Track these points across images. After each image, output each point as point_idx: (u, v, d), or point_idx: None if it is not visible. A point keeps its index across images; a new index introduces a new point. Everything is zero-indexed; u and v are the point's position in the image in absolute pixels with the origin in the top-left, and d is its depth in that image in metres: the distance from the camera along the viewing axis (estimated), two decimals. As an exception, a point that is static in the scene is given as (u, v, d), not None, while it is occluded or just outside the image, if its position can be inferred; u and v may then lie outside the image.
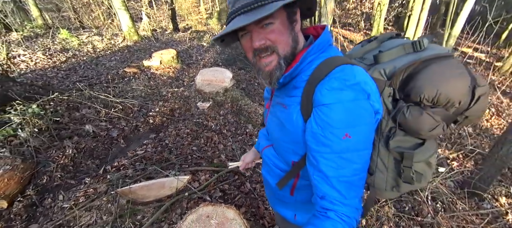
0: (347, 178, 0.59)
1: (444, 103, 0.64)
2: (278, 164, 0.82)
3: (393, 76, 0.67)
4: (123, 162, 2.41)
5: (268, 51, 0.64)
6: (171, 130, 3.02)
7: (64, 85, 3.89)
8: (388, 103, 0.70)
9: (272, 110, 0.79)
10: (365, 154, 0.61)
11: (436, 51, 0.67)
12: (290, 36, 0.64)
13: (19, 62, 4.49)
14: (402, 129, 0.69)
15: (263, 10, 0.56)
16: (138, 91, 3.94)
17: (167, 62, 5.24)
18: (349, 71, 0.59)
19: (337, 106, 0.57)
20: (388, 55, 0.71)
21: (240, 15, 0.59)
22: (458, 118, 0.68)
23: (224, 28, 0.63)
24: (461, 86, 0.62)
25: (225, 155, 2.64)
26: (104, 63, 5.23)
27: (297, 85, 0.66)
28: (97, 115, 3.06)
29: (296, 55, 0.67)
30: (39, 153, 2.25)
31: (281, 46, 0.64)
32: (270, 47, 0.63)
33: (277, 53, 0.64)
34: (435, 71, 0.63)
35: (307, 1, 0.66)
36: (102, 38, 7.13)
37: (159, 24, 11.46)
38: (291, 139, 0.71)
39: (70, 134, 2.62)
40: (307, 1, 0.66)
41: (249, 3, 0.58)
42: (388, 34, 0.82)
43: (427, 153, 0.70)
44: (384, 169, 0.74)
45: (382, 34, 0.86)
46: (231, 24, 0.60)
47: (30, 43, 5.66)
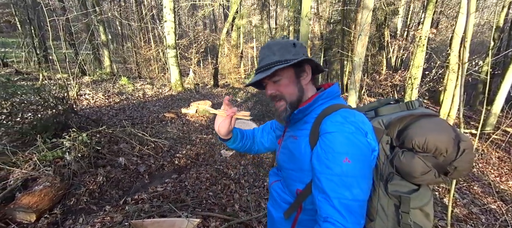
0: (347, 201, 0.66)
1: (432, 150, 0.72)
2: (284, 196, 0.90)
3: (389, 125, 0.79)
4: (142, 197, 2.53)
5: (277, 98, 0.84)
6: (193, 173, 3.14)
7: (112, 121, 4.46)
8: (387, 149, 0.79)
9: (284, 143, 0.91)
10: (364, 183, 0.68)
11: (425, 111, 0.81)
12: (296, 87, 0.83)
13: (83, 99, 5.37)
14: (398, 174, 0.77)
15: (267, 72, 0.78)
16: (171, 134, 4.30)
17: (202, 112, 5.74)
18: (351, 112, 0.74)
19: (339, 135, 0.69)
20: (387, 110, 0.85)
21: (259, 72, 0.83)
22: (448, 169, 0.73)
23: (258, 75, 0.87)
24: (445, 137, 0.72)
25: (239, 205, 2.60)
26: (149, 107, 5.94)
27: (308, 121, 0.81)
28: (131, 150, 3.37)
29: (302, 102, 0.84)
30: (75, 176, 2.50)
31: (287, 96, 0.83)
32: (278, 95, 0.83)
33: (285, 100, 0.83)
34: (424, 123, 0.75)
35: (310, 63, 0.84)
36: (152, 86, 8.24)
37: (202, 79, 12.93)
38: (298, 166, 0.81)
39: (104, 164, 2.90)
40: (310, 62, 0.84)
41: (262, 66, 0.82)
42: (387, 99, 0.96)
43: (422, 200, 0.74)
44: (384, 216, 0.77)
45: (383, 98, 0.98)
46: (253, 78, 0.85)
47: (96, 85, 6.81)
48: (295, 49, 0.80)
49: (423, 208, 0.74)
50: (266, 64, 0.80)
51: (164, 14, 7.64)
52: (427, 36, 6.27)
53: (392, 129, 0.80)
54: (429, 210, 0.75)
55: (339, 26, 12.80)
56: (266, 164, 3.62)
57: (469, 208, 3.04)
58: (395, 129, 0.79)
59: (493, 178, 4.14)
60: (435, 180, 0.74)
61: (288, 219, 0.87)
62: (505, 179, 4.12)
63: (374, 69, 11.06)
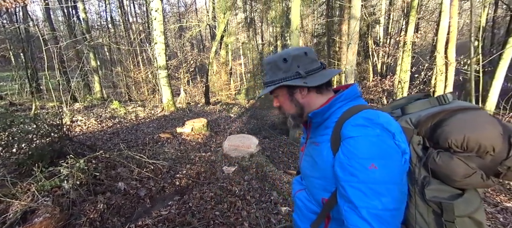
0: (377, 211, 0.60)
1: (475, 149, 0.64)
2: (310, 206, 0.85)
3: (418, 124, 0.73)
4: (147, 222, 2.40)
5: (281, 110, 0.89)
6: (196, 193, 3.04)
7: (107, 146, 4.32)
8: (419, 151, 0.72)
9: (306, 151, 0.89)
10: (394, 189, 0.62)
11: (462, 104, 0.72)
12: (291, 104, 0.84)
13: (76, 126, 5.21)
14: (436, 177, 0.69)
15: (266, 89, 0.84)
16: (169, 154, 4.20)
17: (197, 130, 5.67)
18: (374, 113, 0.69)
19: (362, 139, 0.64)
20: (414, 107, 0.78)
21: (264, 87, 0.87)
22: (500, 169, 0.65)
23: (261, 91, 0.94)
24: (491, 132, 0.63)
25: (249, 223, 2.51)
26: (143, 129, 5.81)
27: (328, 125, 0.77)
28: (130, 174, 3.24)
29: (303, 114, 0.84)
30: (75, 206, 2.37)
31: (285, 109, 0.87)
32: (281, 108, 0.89)
33: (285, 112, 0.88)
34: (461, 118, 0.67)
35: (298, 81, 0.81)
36: (144, 108, 8.13)
37: (194, 98, 12.89)
38: (321, 174, 0.77)
39: (104, 190, 2.77)
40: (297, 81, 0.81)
41: (264, 82, 0.87)
42: (416, 95, 0.89)
43: (469, 206, 0.66)
44: (425, 226, 0.70)
45: (412, 94, 0.95)
46: (261, 91, 0.92)
47: (87, 111, 6.64)
48: (286, 64, 0.78)
49: (472, 216, 0.65)
50: (264, 82, 0.86)
51: (154, 36, 7.70)
52: (412, 41, 6.59)
53: (422, 127, 0.72)
54: (480, 218, 0.66)
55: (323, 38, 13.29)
56: (270, 178, 3.56)
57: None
58: (426, 127, 0.72)
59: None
60: (483, 183, 0.65)
61: None
62: None
63: (362, 77, 11.42)
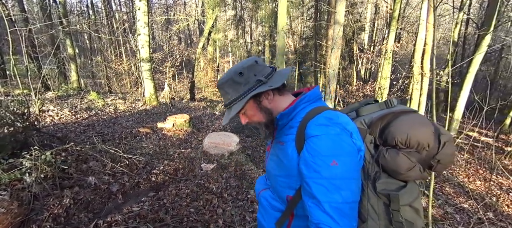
0: (338, 204, 0.65)
1: (415, 146, 0.75)
2: (274, 204, 0.87)
3: (371, 124, 0.81)
4: (116, 218, 2.31)
5: (252, 124, 0.89)
6: (172, 190, 2.97)
7: (80, 138, 4.11)
8: (371, 149, 0.80)
9: (272, 150, 0.90)
10: (352, 183, 0.68)
11: (404, 108, 0.83)
12: (261, 112, 0.84)
13: (47, 116, 4.90)
14: (385, 172, 0.77)
15: (234, 108, 0.81)
16: (147, 149, 4.07)
17: (179, 125, 5.54)
18: (334, 114, 0.74)
19: (324, 137, 0.68)
20: (367, 110, 0.87)
21: (227, 109, 0.85)
22: (432, 162, 0.76)
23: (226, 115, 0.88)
24: (426, 131, 0.74)
25: (223, 221, 2.49)
26: (121, 122, 5.59)
27: (293, 125, 0.80)
28: (103, 168, 3.10)
29: (273, 119, 0.84)
30: (37, 200, 2.22)
31: (256, 120, 0.86)
32: (252, 122, 0.87)
33: (257, 123, 0.87)
34: (404, 120, 0.77)
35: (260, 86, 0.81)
36: (124, 101, 7.82)
37: (178, 93, 12.61)
38: (287, 173, 0.79)
39: (72, 184, 2.63)
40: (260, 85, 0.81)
41: (226, 104, 0.84)
42: (367, 100, 1.00)
43: (411, 196, 0.75)
44: (376, 217, 0.77)
45: (362, 100, 1.03)
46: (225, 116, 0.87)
47: (61, 101, 6.28)
48: (243, 77, 0.79)
49: (412, 204, 0.75)
50: (227, 104, 0.83)
51: (138, 27, 7.43)
52: (392, 50, 6.87)
53: (374, 128, 0.81)
54: (418, 206, 0.76)
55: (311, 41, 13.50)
56: (249, 176, 3.55)
57: (444, 208, 3.24)
58: (377, 128, 0.81)
59: (462, 179, 4.47)
60: (421, 175, 0.75)
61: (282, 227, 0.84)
62: (472, 179, 4.48)
63: (346, 81, 11.73)
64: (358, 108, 0.90)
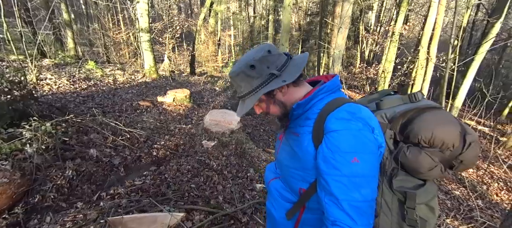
0: (357, 203, 0.63)
1: (439, 145, 0.72)
2: (285, 195, 0.85)
3: (393, 119, 0.77)
4: (119, 191, 2.35)
5: (266, 114, 0.87)
6: (173, 165, 3.00)
7: (80, 109, 4.07)
8: (390, 144, 0.77)
9: (285, 140, 0.87)
10: (373, 181, 0.65)
11: (429, 103, 0.78)
12: (275, 105, 0.81)
13: (44, 85, 4.81)
14: (403, 169, 0.75)
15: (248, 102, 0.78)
16: (148, 123, 4.06)
17: (179, 100, 5.49)
18: (356, 107, 0.69)
19: (345, 133, 0.64)
20: (388, 103, 0.82)
21: (241, 100, 0.82)
22: (454, 162, 0.73)
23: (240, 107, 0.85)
24: (453, 131, 0.71)
25: (223, 197, 2.55)
26: (121, 94, 5.51)
27: (310, 117, 0.75)
28: (104, 141, 3.11)
29: (288, 111, 0.81)
30: (39, 171, 2.24)
31: (270, 112, 0.84)
32: (266, 113, 0.86)
33: (271, 115, 0.85)
34: (430, 117, 0.73)
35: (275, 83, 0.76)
36: (124, 72, 7.66)
37: (178, 67, 12.36)
38: (301, 165, 0.76)
39: (73, 156, 2.64)
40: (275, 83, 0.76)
41: (240, 96, 0.81)
42: (386, 90, 0.94)
43: (428, 195, 0.74)
44: (388, 212, 0.76)
45: (382, 90, 0.97)
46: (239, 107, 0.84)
47: (59, 69, 6.14)
48: (255, 71, 0.74)
49: (428, 203, 0.74)
50: (240, 96, 0.81)
51: (137, -6, 7.04)
52: (400, 32, 6.61)
53: (395, 123, 0.78)
54: (434, 205, 0.75)
55: (317, 18, 12.98)
56: (249, 155, 3.59)
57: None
58: (398, 123, 0.78)
59: (454, 166, 4.58)
60: (442, 175, 0.73)
61: (290, 219, 0.83)
62: (465, 167, 4.59)
63: (349, 62, 11.49)
64: (378, 99, 0.85)
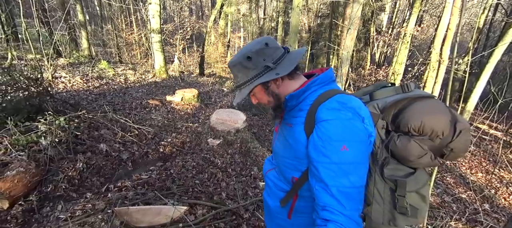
0: (346, 189, 0.65)
1: (429, 133, 0.72)
2: (279, 184, 0.88)
3: (385, 109, 0.79)
4: (126, 184, 2.43)
5: (262, 105, 0.90)
6: (178, 161, 3.07)
7: (92, 106, 4.23)
8: (382, 134, 0.79)
9: (280, 131, 0.90)
10: (361, 168, 0.68)
11: (421, 93, 0.79)
12: (269, 96, 0.84)
13: (59, 83, 5.03)
14: (394, 158, 0.77)
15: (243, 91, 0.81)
16: (156, 121, 4.16)
17: (187, 100, 5.60)
18: (347, 98, 0.72)
19: (336, 122, 0.67)
20: (381, 94, 0.84)
21: (238, 90, 0.85)
22: (445, 151, 0.74)
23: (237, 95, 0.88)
24: (442, 119, 0.72)
25: (226, 194, 2.59)
26: (131, 93, 5.68)
27: (303, 108, 0.78)
28: (113, 137, 3.22)
29: (281, 102, 0.84)
30: (52, 162, 2.35)
31: (264, 102, 0.87)
32: (261, 103, 0.88)
33: (265, 106, 0.87)
34: (420, 106, 0.74)
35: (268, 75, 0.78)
36: (135, 72, 7.89)
37: (188, 67, 12.58)
38: (293, 155, 0.79)
39: (84, 150, 2.75)
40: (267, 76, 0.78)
41: (236, 86, 0.85)
42: (382, 83, 0.94)
43: (418, 183, 0.75)
44: (381, 201, 0.78)
45: (377, 82, 0.98)
46: (236, 95, 0.86)
47: (73, 68, 6.40)
48: (251, 62, 0.77)
49: (419, 191, 0.75)
50: (237, 85, 0.84)
51: (149, -5, 7.25)
52: (411, 33, 6.48)
53: (387, 113, 0.79)
54: (425, 193, 0.76)
55: (327, 20, 12.90)
56: (253, 154, 3.62)
57: (442, 197, 3.26)
58: (390, 113, 0.79)
59: (464, 170, 4.46)
60: (431, 162, 0.74)
61: (284, 207, 0.86)
62: (475, 171, 4.46)
63: (359, 64, 11.34)
64: (373, 91, 0.87)
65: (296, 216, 0.85)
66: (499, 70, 10.01)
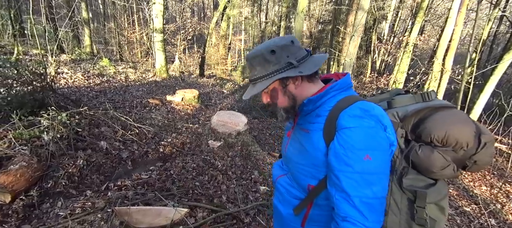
0: (368, 200, 0.63)
1: (453, 144, 0.71)
2: (292, 191, 0.85)
3: (405, 118, 0.77)
4: (126, 183, 2.42)
5: (272, 105, 0.85)
6: (178, 162, 3.06)
7: (92, 103, 4.22)
8: (401, 143, 0.77)
9: (294, 136, 0.86)
10: (384, 179, 0.65)
11: (442, 102, 0.77)
12: (284, 96, 0.80)
13: (61, 78, 5.01)
14: (414, 168, 0.75)
15: (258, 86, 0.77)
16: (156, 121, 4.15)
17: (188, 100, 5.59)
18: (369, 105, 0.69)
19: (358, 130, 0.65)
20: (400, 102, 0.81)
21: (251, 84, 0.81)
22: (467, 163, 0.73)
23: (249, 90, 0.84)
24: (467, 130, 0.70)
25: (227, 197, 2.57)
26: (131, 91, 5.68)
27: (321, 114, 0.75)
28: (114, 135, 3.20)
29: (296, 105, 0.81)
30: (53, 158, 2.33)
31: (278, 103, 0.82)
32: (272, 104, 0.84)
33: (277, 105, 0.83)
34: (443, 116, 0.73)
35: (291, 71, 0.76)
36: (135, 71, 7.88)
37: (188, 68, 12.58)
38: (311, 162, 0.76)
39: (85, 147, 2.74)
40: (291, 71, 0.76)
41: (252, 79, 0.80)
42: (398, 89, 0.93)
43: (439, 195, 0.73)
44: (397, 211, 0.75)
45: (394, 89, 0.96)
46: (247, 91, 0.83)
47: (75, 65, 6.38)
48: (275, 56, 0.74)
49: (438, 203, 0.73)
50: (252, 79, 0.79)
51: (153, -5, 7.28)
52: (414, 43, 6.53)
53: (407, 122, 0.77)
54: (445, 204, 0.74)
55: (329, 26, 12.98)
56: (254, 157, 3.61)
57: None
58: (410, 122, 0.77)
59: (467, 182, 4.44)
60: (454, 174, 0.73)
61: (298, 215, 0.83)
62: (478, 184, 4.43)
63: (360, 71, 11.39)
64: (390, 98, 0.85)
65: (310, 225, 0.82)
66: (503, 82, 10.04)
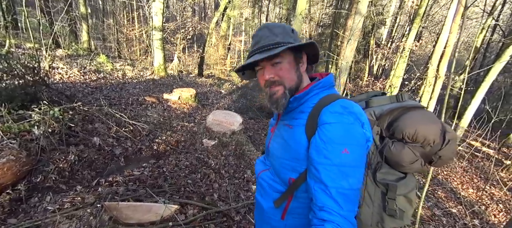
0: (344, 190, 0.66)
1: (421, 141, 0.78)
2: (274, 185, 0.87)
3: (381, 116, 0.83)
4: (117, 179, 2.41)
5: (275, 83, 0.80)
6: (172, 160, 3.05)
7: (87, 99, 4.19)
8: (377, 140, 0.83)
9: (277, 132, 0.89)
10: (359, 172, 0.69)
11: (413, 103, 0.86)
12: (295, 74, 0.80)
13: (56, 73, 4.98)
14: (387, 163, 0.82)
15: (273, 51, 0.74)
16: (151, 118, 4.14)
17: (185, 99, 5.58)
18: (349, 103, 0.73)
19: (338, 126, 0.69)
20: (377, 102, 0.88)
21: (256, 54, 0.78)
22: (433, 158, 0.80)
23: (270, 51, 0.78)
24: (434, 128, 0.78)
25: (218, 195, 2.57)
26: (128, 89, 5.65)
27: (304, 110, 0.79)
28: (107, 131, 3.19)
29: (299, 89, 0.82)
30: (44, 153, 2.32)
31: (287, 81, 0.79)
32: (277, 81, 0.79)
33: (283, 85, 0.80)
34: (414, 115, 0.80)
35: (311, 48, 0.81)
36: (133, 68, 7.86)
37: (187, 67, 12.56)
38: (293, 156, 0.79)
39: (77, 142, 2.72)
40: (311, 48, 0.81)
41: (263, 46, 0.76)
42: (375, 92, 1.00)
43: (408, 187, 0.80)
44: (371, 203, 0.82)
45: (370, 91, 1.03)
46: (249, 59, 0.79)
47: (71, 60, 6.35)
48: (294, 35, 0.79)
49: (407, 195, 0.80)
50: (267, 44, 0.75)
51: (152, -7, 7.27)
52: (410, 48, 6.61)
53: (382, 120, 0.84)
54: (412, 197, 0.81)
55: (328, 30, 13.06)
56: (248, 157, 3.61)
57: (432, 211, 3.29)
58: (385, 120, 0.84)
59: (455, 185, 4.52)
60: (421, 168, 0.79)
61: (278, 208, 0.86)
62: (466, 187, 4.53)
63: (357, 75, 11.47)
64: (367, 99, 0.91)
65: (290, 217, 0.84)
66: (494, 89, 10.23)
